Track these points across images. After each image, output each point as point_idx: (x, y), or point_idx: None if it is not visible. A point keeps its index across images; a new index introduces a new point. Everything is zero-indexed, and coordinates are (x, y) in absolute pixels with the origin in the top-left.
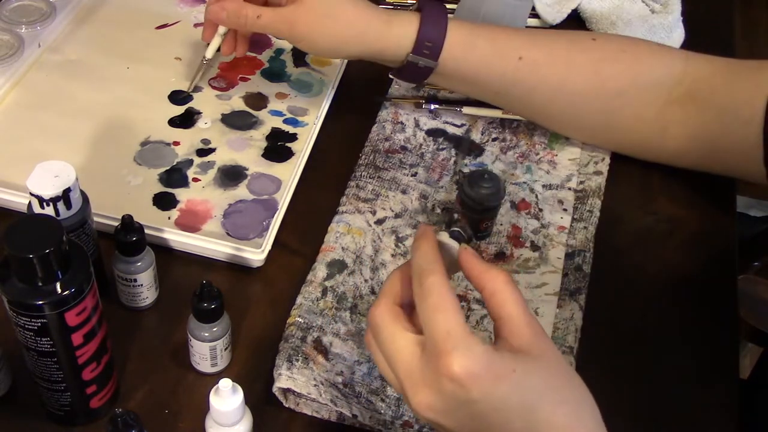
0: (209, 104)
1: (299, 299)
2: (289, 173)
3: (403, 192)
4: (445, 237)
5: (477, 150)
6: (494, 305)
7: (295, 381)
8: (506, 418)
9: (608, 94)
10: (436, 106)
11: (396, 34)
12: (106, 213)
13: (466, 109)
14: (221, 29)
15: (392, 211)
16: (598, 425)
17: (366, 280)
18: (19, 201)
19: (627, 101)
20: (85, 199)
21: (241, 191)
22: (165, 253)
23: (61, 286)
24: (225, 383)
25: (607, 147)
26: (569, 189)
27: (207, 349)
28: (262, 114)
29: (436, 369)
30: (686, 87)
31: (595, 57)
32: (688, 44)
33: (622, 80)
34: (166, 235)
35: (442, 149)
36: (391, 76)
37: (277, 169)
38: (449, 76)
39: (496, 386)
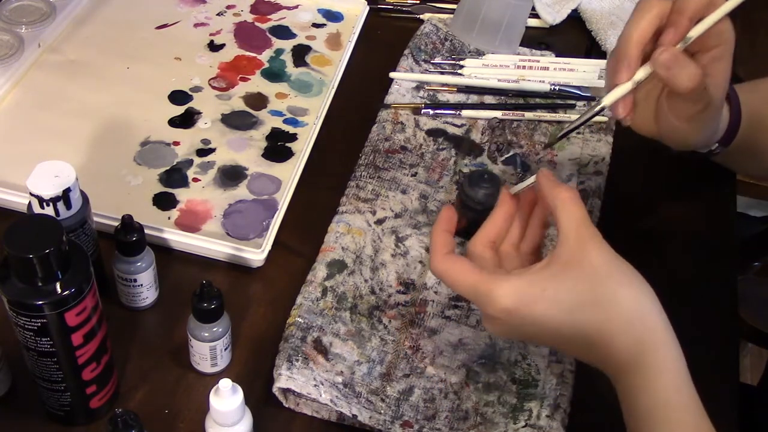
0: (209, 104)
1: (299, 299)
2: (289, 173)
3: (403, 192)
4: (517, 187)
5: (477, 150)
6: (554, 218)
7: (295, 381)
8: (555, 329)
9: None
10: (435, 111)
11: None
12: (106, 213)
13: (465, 113)
14: (641, 75)
15: (392, 211)
16: (639, 320)
17: (366, 280)
18: (19, 201)
19: None
20: (85, 199)
21: (241, 191)
22: (165, 253)
23: (60, 286)
24: (225, 383)
25: None
26: None
27: (207, 349)
28: (262, 114)
29: (484, 312)
30: None
31: None
32: None
33: None
34: (166, 235)
35: (442, 149)
36: (392, 76)
37: (277, 169)
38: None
39: (533, 310)
